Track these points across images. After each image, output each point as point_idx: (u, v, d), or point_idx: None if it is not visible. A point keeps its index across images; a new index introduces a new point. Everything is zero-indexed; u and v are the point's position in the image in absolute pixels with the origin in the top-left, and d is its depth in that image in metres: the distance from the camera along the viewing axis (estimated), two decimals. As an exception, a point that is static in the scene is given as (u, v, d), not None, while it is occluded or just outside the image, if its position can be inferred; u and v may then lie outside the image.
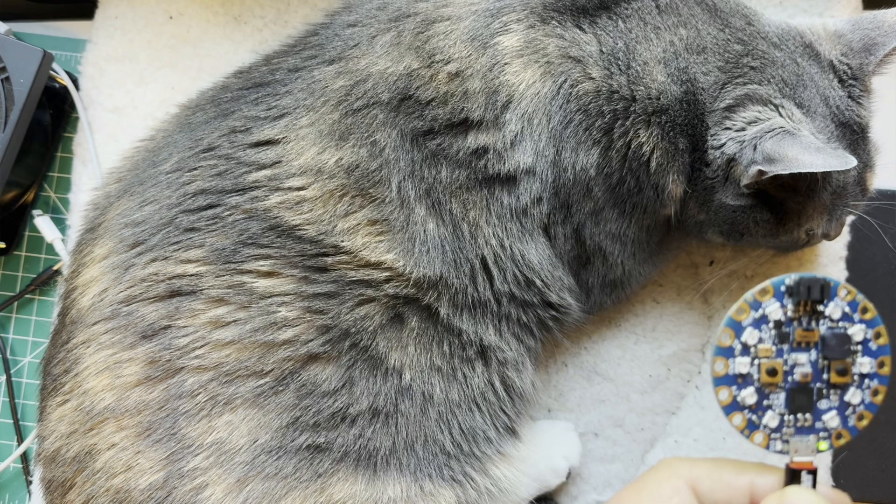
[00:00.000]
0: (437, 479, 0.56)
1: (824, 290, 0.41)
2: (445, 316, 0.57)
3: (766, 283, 0.42)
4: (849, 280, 0.70)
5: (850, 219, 0.66)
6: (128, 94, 0.75)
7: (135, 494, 0.51)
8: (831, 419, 0.42)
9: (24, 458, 0.74)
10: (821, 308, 0.41)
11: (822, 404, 0.42)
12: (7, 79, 0.68)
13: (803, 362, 0.41)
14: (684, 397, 0.70)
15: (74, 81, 0.76)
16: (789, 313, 0.41)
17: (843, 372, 0.41)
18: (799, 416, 0.42)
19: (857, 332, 0.42)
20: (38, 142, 0.75)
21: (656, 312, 0.71)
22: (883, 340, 0.42)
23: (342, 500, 0.53)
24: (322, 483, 0.52)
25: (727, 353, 0.41)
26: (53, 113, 0.76)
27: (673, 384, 0.70)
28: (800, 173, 0.53)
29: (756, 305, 0.41)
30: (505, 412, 0.61)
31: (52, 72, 0.73)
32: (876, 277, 0.71)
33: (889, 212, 0.68)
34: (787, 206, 0.59)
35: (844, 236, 0.70)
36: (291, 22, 0.75)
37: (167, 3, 0.75)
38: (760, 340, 0.41)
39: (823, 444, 0.42)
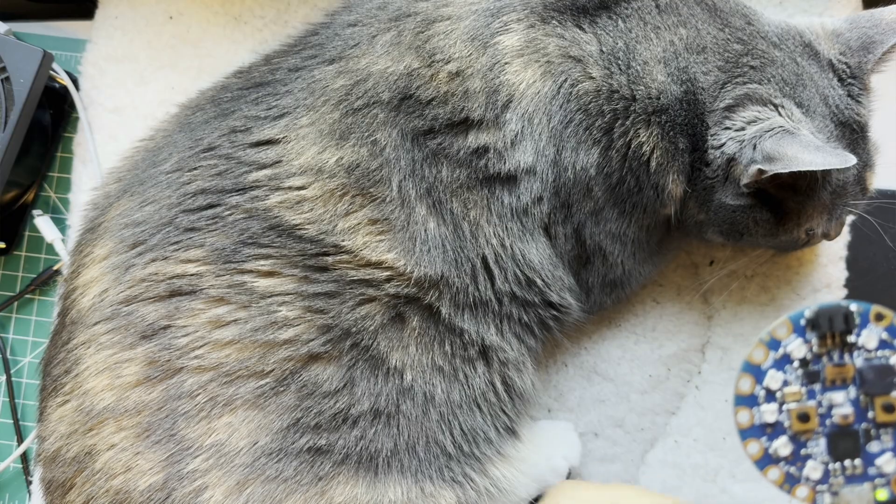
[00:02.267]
0: (437, 480, 0.56)
1: (849, 319, 0.37)
2: (447, 315, 0.56)
3: (784, 319, 0.37)
4: (849, 280, 0.70)
5: (850, 218, 0.66)
6: (128, 94, 0.75)
7: (134, 496, 0.51)
8: (887, 463, 0.37)
9: (24, 458, 0.74)
10: (851, 339, 0.37)
11: (873, 447, 0.37)
12: (7, 79, 0.68)
13: (841, 402, 0.37)
14: (684, 397, 0.70)
15: (74, 81, 0.76)
16: (815, 349, 0.37)
17: (891, 408, 0.37)
18: (846, 462, 0.37)
19: None
20: (38, 142, 0.75)
21: (656, 312, 0.71)
22: None
23: (343, 502, 0.52)
24: (323, 486, 0.52)
25: (749, 401, 0.37)
26: (53, 113, 0.76)
27: (673, 384, 0.70)
28: (799, 172, 0.53)
29: (774, 345, 0.38)
30: (505, 412, 0.61)
31: (52, 72, 0.73)
32: (876, 277, 0.71)
33: (889, 211, 0.68)
34: (787, 205, 0.59)
35: (844, 236, 0.70)
36: (291, 22, 0.75)
37: (167, 3, 0.75)
38: (786, 383, 0.37)
39: (882, 493, 0.37)
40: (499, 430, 0.60)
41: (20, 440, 0.74)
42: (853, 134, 0.60)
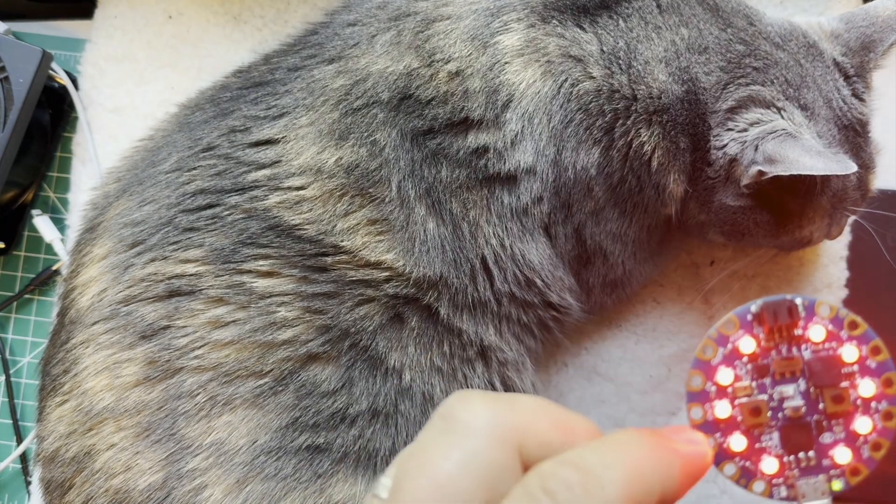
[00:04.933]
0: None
1: (793, 312, 0.36)
2: (445, 316, 0.56)
3: (731, 315, 0.37)
4: (849, 280, 0.69)
5: (851, 218, 0.66)
6: (128, 94, 0.75)
7: (134, 495, 0.51)
8: (840, 454, 0.37)
9: (24, 458, 0.74)
10: (798, 332, 0.36)
11: (826, 438, 0.37)
12: (6, 78, 0.68)
13: (791, 394, 0.36)
14: (685, 398, 0.70)
15: (74, 81, 0.76)
16: (763, 343, 0.37)
17: (840, 399, 0.36)
18: (800, 455, 0.37)
19: (848, 352, 0.36)
20: (38, 142, 0.75)
21: (657, 312, 0.71)
22: (883, 356, 0.36)
23: (342, 500, 0.52)
24: (322, 484, 0.52)
25: (700, 397, 0.37)
26: (53, 113, 0.76)
27: (673, 384, 0.70)
28: (799, 176, 0.52)
29: (723, 340, 0.37)
30: (505, 413, 0.60)
31: (51, 71, 0.73)
32: (877, 277, 0.71)
33: (890, 211, 0.68)
34: (788, 207, 0.59)
35: (845, 236, 0.70)
36: (291, 21, 0.74)
37: (167, 2, 0.75)
38: (736, 378, 0.36)
39: (837, 484, 0.37)
40: (498, 431, 0.60)
41: (19, 440, 0.74)
42: (856, 136, 0.59)
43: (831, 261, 0.70)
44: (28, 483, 0.74)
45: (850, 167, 0.51)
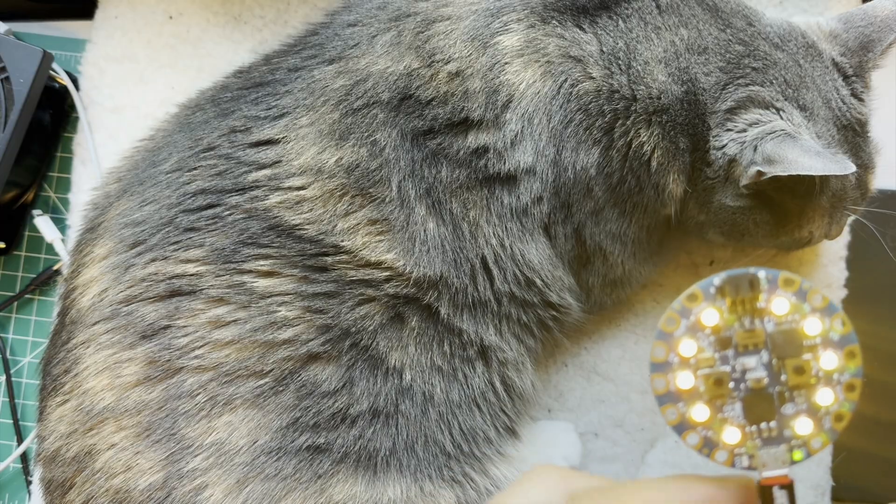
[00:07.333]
0: (437, 479, 0.56)
1: (754, 285, 0.36)
2: (446, 316, 0.56)
3: (694, 288, 0.37)
4: (849, 280, 0.70)
5: (850, 218, 0.66)
6: (128, 94, 0.75)
7: (134, 495, 0.51)
8: (801, 425, 0.37)
9: (24, 458, 0.74)
10: (760, 304, 0.37)
11: (788, 409, 0.37)
12: (7, 79, 0.68)
13: (753, 366, 0.37)
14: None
15: (74, 81, 0.76)
16: (726, 315, 0.37)
17: (802, 371, 0.37)
18: (762, 426, 0.37)
19: (811, 324, 0.37)
20: (38, 142, 0.75)
21: (656, 312, 0.71)
22: (846, 329, 0.37)
23: (342, 501, 0.53)
24: (322, 484, 0.52)
25: (663, 368, 0.37)
26: (53, 113, 0.76)
27: (673, 384, 0.70)
28: (798, 176, 0.53)
29: (686, 313, 0.37)
30: (505, 412, 0.61)
31: (52, 72, 0.73)
32: (876, 277, 0.71)
33: (889, 211, 0.68)
34: (787, 207, 0.59)
35: (844, 236, 0.70)
36: (291, 22, 0.75)
37: (167, 3, 0.75)
38: (699, 350, 0.37)
39: (798, 454, 0.37)
40: (498, 430, 0.60)
41: (20, 440, 0.74)
42: (855, 136, 0.60)
43: (831, 261, 0.70)
44: (29, 483, 0.74)
45: (848, 167, 0.51)
